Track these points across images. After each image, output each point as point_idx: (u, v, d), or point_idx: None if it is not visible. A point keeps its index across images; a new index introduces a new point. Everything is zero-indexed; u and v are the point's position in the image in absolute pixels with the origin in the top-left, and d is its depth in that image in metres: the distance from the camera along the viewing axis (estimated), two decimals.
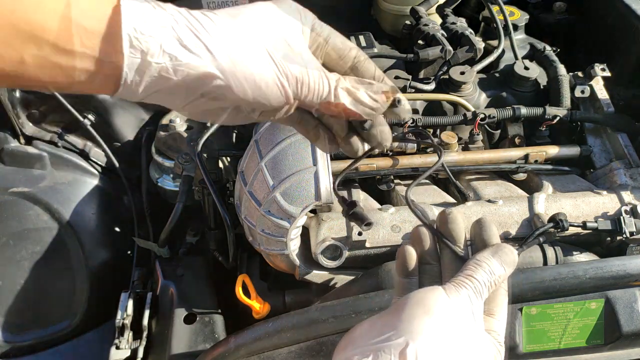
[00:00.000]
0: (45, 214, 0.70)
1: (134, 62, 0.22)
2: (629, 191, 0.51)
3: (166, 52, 0.22)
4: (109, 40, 0.22)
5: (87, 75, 0.22)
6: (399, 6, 0.71)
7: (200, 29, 0.23)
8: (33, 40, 0.21)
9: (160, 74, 0.22)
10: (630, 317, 0.42)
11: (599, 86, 0.61)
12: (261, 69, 0.24)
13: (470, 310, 0.26)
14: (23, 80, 0.22)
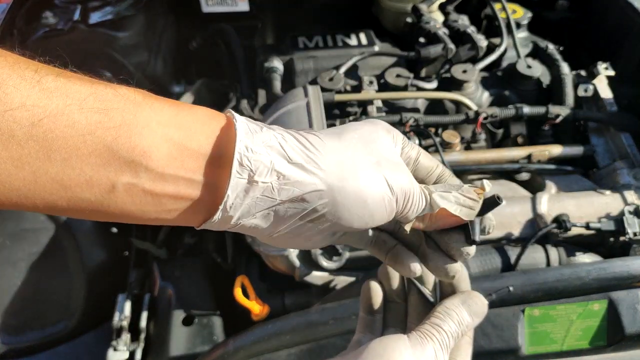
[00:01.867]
0: (42, 215, 0.69)
1: (239, 184, 0.20)
2: (633, 191, 0.51)
3: (275, 169, 0.20)
4: (216, 160, 0.20)
5: (180, 203, 0.20)
6: (401, 4, 0.70)
7: (308, 145, 0.21)
8: (130, 167, 0.18)
9: (263, 195, 0.20)
10: (633, 318, 0.42)
11: (603, 85, 0.61)
12: (372, 184, 0.22)
13: None
14: (105, 212, 0.19)
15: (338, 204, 0.21)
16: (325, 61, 0.65)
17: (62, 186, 0.18)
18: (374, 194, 0.22)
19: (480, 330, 0.40)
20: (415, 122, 0.56)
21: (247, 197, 0.20)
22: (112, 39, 0.71)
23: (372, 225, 0.23)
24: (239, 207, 0.20)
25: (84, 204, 0.19)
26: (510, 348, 0.41)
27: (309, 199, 0.21)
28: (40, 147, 0.17)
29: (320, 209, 0.21)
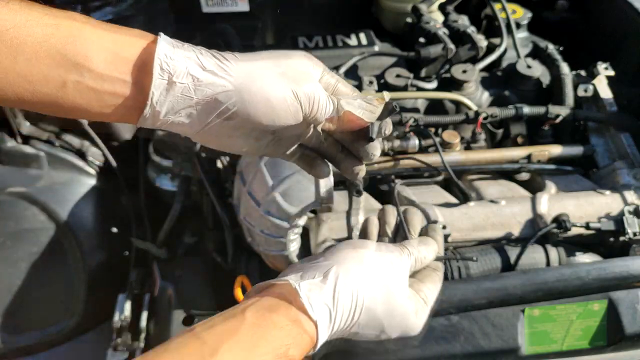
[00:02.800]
0: (42, 214, 0.69)
1: (160, 83, 0.26)
2: (632, 191, 0.51)
3: (190, 73, 0.26)
4: (142, 66, 0.26)
5: (117, 98, 0.26)
6: (401, 4, 0.70)
7: (221, 58, 0.27)
8: (76, 68, 0.25)
9: (182, 94, 0.26)
10: (633, 318, 0.42)
11: (602, 85, 0.61)
12: (275, 86, 0.27)
13: (395, 262, 0.32)
14: (62, 105, 0.25)
15: (245, 102, 0.27)
16: (325, 61, 0.64)
17: (26, 81, 0.24)
18: (277, 94, 0.27)
19: (480, 330, 0.41)
20: (415, 122, 0.56)
21: (169, 95, 0.26)
22: None
23: (280, 123, 0.28)
24: (164, 103, 0.26)
25: (44, 97, 0.25)
26: (510, 348, 0.41)
27: (221, 99, 0.26)
28: (8, 50, 0.23)
29: (231, 107, 0.27)
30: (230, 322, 0.27)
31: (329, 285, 0.29)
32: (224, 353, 0.25)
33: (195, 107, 0.26)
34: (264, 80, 0.27)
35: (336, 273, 0.30)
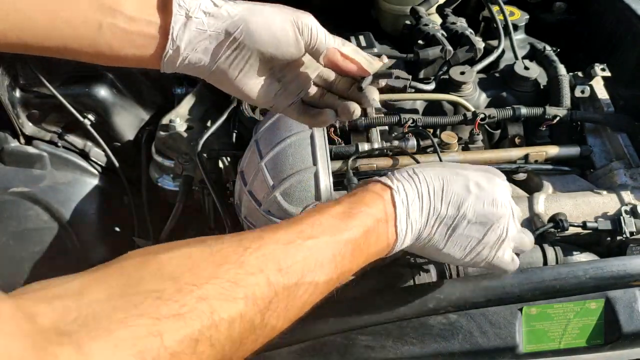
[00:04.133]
0: (45, 214, 0.70)
1: (179, 19, 0.30)
2: (629, 191, 0.51)
3: (201, 9, 0.31)
4: (164, 7, 0.31)
5: (144, 38, 0.31)
6: (399, 6, 0.71)
7: None
8: (110, 12, 0.29)
9: (197, 28, 0.31)
10: (630, 317, 0.42)
11: (599, 86, 0.61)
12: (276, 16, 0.32)
13: None
14: (98, 47, 0.30)
15: (250, 31, 0.31)
16: None
17: (70, 26, 0.29)
18: (278, 22, 0.32)
19: (478, 328, 0.41)
20: (414, 123, 0.56)
21: (186, 30, 0.31)
22: None
23: (282, 50, 0.32)
24: (182, 37, 0.31)
25: (84, 41, 0.30)
26: (507, 346, 0.41)
27: (229, 29, 0.31)
28: None
29: (238, 36, 0.31)
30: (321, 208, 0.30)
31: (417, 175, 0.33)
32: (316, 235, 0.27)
33: (209, 39, 0.31)
34: (265, 11, 0.32)
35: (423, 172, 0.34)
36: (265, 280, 0.23)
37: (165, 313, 0.19)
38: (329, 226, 0.28)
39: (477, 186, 0.33)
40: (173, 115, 0.68)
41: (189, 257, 0.22)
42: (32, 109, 0.75)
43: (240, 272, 0.23)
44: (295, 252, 0.25)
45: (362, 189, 0.32)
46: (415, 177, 0.33)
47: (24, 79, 0.72)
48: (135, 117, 0.78)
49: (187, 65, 0.32)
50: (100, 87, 0.73)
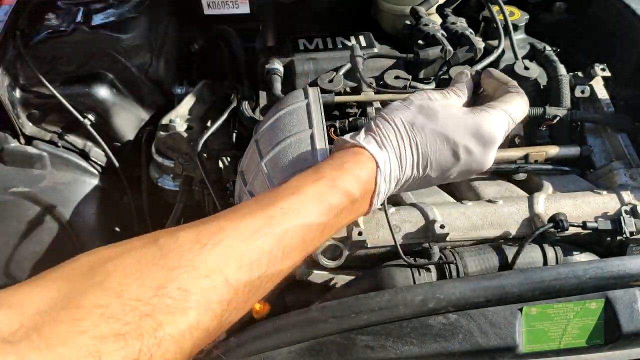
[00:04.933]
0: (45, 214, 0.70)
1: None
2: (629, 191, 0.51)
3: None
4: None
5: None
6: (399, 6, 0.71)
7: None
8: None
9: None
10: (630, 317, 0.42)
11: (599, 86, 0.61)
12: None
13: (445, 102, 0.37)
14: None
15: None
16: (325, 63, 0.66)
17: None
18: None
19: (478, 328, 0.41)
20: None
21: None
22: (114, 41, 0.72)
23: None
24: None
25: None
26: (507, 346, 0.41)
27: None
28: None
29: None
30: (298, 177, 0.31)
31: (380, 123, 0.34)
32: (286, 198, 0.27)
33: None
34: None
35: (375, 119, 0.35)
36: (223, 281, 0.21)
37: (106, 332, 0.18)
38: (305, 210, 0.27)
39: (466, 152, 0.34)
40: (173, 115, 0.68)
41: (138, 262, 0.20)
42: (32, 109, 0.75)
43: (194, 275, 0.20)
44: (261, 244, 0.23)
45: (346, 157, 0.33)
46: (402, 143, 0.34)
47: (24, 79, 0.72)
48: (135, 117, 0.78)
49: None
50: (100, 87, 0.73)
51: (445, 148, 0.34)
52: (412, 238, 0.47)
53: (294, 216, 0.26)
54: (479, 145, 0.35)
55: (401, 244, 0.46)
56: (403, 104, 0.36)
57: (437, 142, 0.34)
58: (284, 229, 0.25)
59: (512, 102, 0.36)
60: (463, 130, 0.34)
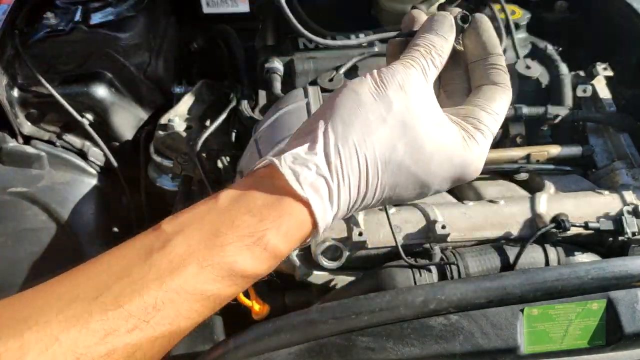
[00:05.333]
0: (43, 214, 0.69)
1: None
2: (631, 191, 0.51)
3: None
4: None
5: None
6: (400, 5, 0.70)
7: None
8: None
9: None
10: (632, 318, 0.42)
11: (601, 85, 0.61)
12: None
13: (406, 84, 0.23)
14: None
15: None
16: (325, 62, 0.65)
17: None
18: None
19: (479, 329, 0.41)
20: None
21: None
22: (113, 40, 0.72)
23: None
24: None
25: None
26: (509, 347, 0.41)
27: None
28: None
29: None
30: (199, 208, 0.22)
31: (319, 147, 0.22)
32: (176, 244, 0.19)
33: None
34: None
35: (326, 129, 0.22)
36: None
37: None
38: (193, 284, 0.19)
39: (437, 191, 0.25)
40: (172, 115, 0.67)
41: None
42: (30, 109, 0.74)
43: None
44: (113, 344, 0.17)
45: (273, 208, 0.21)
46: (364, 187, 0.22)
47: (22, 78, 0.71)
48: (134, 117, 0.78)
49: None
50: (99, 87, 0.73)
51: (416, 189, 0.24)
52: (413, 238, 0.47)
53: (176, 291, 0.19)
54: (452, 184, 0.25)
55: (402, 244, 0.46)
56: (379, 113, 0.22)
57: (410, 187, 0.24)
58: None
59: (501, 113, 0.25)
60: (446, 173, 0.24)
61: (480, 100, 0.25)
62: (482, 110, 0.25)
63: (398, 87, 0.23)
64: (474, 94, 0.26)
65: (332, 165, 0.22)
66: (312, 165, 0.22)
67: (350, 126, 0.22)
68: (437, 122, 0.24)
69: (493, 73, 0.25)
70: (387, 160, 0.23)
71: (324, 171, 0.22)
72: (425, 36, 0.25)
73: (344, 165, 0.22)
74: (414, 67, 0.24)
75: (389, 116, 0.23)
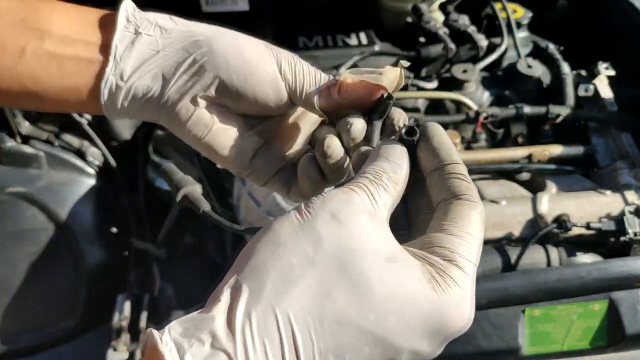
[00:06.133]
0: (42, 214, 0.69)
1: (125, 35, 0.22)
2: (633, 191, 0.51)
3: (158, 25, 0.23)
4: (106, 24, 0.23)
5: (78, 64, 0.22)
6: (401, 3, 0.70)
7: (191, 18, 0.24)
8: (37, 33, 0.22)
9: (149, 48, 0.22)
10: (634, 319, 0.42)
11: (603, 85, 0.61)
12: (249, 40, 0.23)
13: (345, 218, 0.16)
14: (19, 79, 0.22)
15: (215, 52, 0.22)
16: (325, 61, 0.65)
17: None
18: (252, 47, 0.22)
19: (480, 330, 0.40)
20: (416, 122, 0.56)
21: (134, 49, 0.22)
22: None
23: (255, 85, 0.22)
24: (128, 58, 0.22)
25: (3, 72, 0.22)
26: (510, 348, 0.41)
27: (189, 49, 0.22)
28: None
29: (199, 57, 0.22)
30: None
31: (219, 309, 0.16)
32: None
33: (162, 63, 0.22)
34: (237, 34, 0.23)
35: (235, 283, 0.16)
36: None
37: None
38: None
39: (412, 354, 0.17)
40: None
41: None
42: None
43: None
44: None
45: None
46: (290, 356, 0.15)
47: None
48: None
49: (132, 100, 0.22)
50: None
51: (376, 353, 0.16)
52: None
53: None
54: (435, 345, 0.17)
55: None
56: (303, 253, 0.16)
57: (367, 350, 0.16)
58: None
59: (476, 233, 0.18)
60: (416, 326, 0.16)
61: (445, 223, 0.18)
62: (451, 235, 0.18)
63: (329, 217, 0.17)
64: (436, 217, 0.18)
65: (238, 333, 0.15)
66: (206, 336, 0.15)
67: (265, 276, 0.16)
68: (388, 256, 0.17)
69: (454, 184, 0.19)
70: (321, 315, 0.16)
71: (224, 343, 0.15)
72: (373, 164, 0.19)
73: (256, 331, 0.15)
74: (355, 191, 0.18)
75: (318, 255, 0.16)
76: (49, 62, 0.22)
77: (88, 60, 0.22)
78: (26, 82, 0.22)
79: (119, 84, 0.22)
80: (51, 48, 0.22)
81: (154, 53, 0.22)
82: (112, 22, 0.22)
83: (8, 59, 0.22)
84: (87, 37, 0.22)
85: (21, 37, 0.22)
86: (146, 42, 0.22)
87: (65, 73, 0.22)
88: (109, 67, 0.22)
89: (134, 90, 0.22)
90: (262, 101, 0.23)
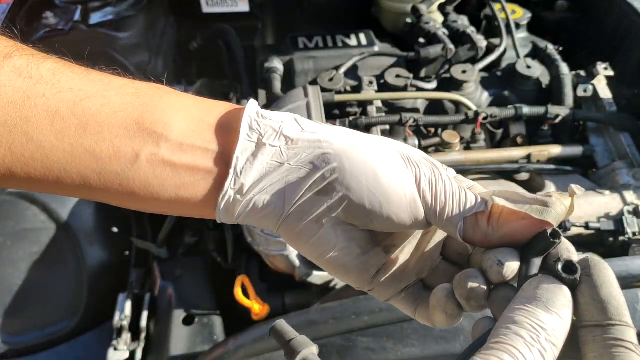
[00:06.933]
0: (43, 214, 0.69)
1: (248, 146, 0.20)
2: (632, 191, 0.51)
3: (284, 134, 0.20)
4: (229, 129, 0.20)
5: (195, 175, 0.20)
6: (400, 4, 0.70)
7: (321, 124, 0.21)
8: (153, 138, 0.20)
9: (272, 160, 0.20)
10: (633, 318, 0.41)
11: (602, 85, 0.61)
12: (384, 157, 0.20)
13: None
14: (131, 187, 0.20)
15: (346, 171, 0.20)
16: (325, 61, 0.65)
17: (94, 158, 0.20)
18: (388, 164, 0.20)
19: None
20: (415, 122, 0.56)
21: (256, 162, 0.20)
22: (112, 40, 0.71)
23: (388, 209, 0.19)
24: (249, 172, 0.20)
25: (112, 178, 0.20)
26: None
27: (316, 163, 0.20)
28: (79, 122, 0.19)
29: (327, 175, 0.20)
30: None
31: None
32: None
33: (285, 178, 0.20)
34: (371, 146, 0.20)
35: None
36: None
37: None
38: None
39: None
40: None
41: None
42: None
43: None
44: None
45: None
46: None
47: None
48: None
49: (251, 211, 0.20)
50: None
51: None
52: None
53: None
54: None
55: None
56: None
57: None
58: None
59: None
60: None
61: None
62: None
63: None
64: None
65: None
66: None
67: None
68: None
69: (620, 357, 0.16)
70: None
71: None
72: (528, 310, 0.16)
73: None
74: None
75: None
76: (164, 171, 0.20)
77: (206, 171, 0.20)
78: (136, 189, 0.20)
79: (237, 198, 0.20)
80: (167, 155, 0.20)
81: (278, 166, 0.20)
82: (234, 126, 0.20)
83: (119, 165, 0.20)
84: (207, 144, 0.20)
85: (135, 141, 0.20)
86: (269, 154, 0.20)
87: (180, 183, 0.20)
88: (228, 180, 0.20)
89: (254, 204, 0.20)
90: (395, 225, 0.20)
